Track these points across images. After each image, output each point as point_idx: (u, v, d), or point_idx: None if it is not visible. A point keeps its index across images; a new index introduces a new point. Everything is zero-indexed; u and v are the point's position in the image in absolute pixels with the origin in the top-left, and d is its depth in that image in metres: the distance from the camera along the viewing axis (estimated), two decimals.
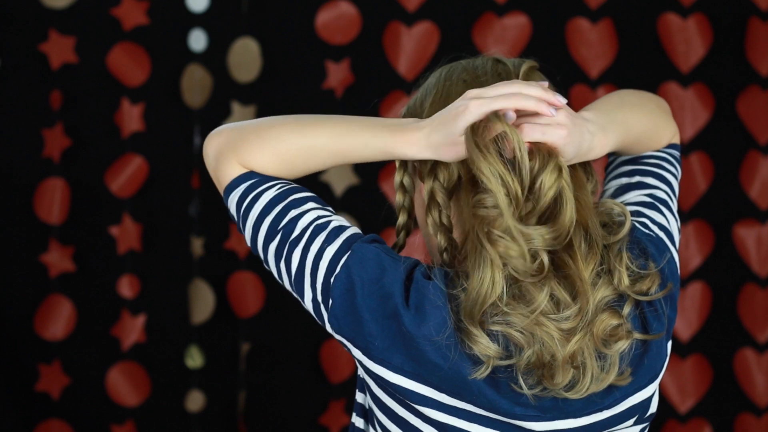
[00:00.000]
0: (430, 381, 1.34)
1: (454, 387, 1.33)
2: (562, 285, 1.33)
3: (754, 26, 2.78)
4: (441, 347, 1.32)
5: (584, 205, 1.38)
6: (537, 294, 1.32)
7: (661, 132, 1.56)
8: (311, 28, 2.78)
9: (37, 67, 2.77)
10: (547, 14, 2.79)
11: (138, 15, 2.77)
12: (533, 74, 1.48)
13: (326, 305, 1.37)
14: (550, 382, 1.33)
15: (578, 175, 1.43)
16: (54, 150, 2.78)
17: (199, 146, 2.81)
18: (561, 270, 1.33)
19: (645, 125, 1.53)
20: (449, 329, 1.32)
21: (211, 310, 2.83)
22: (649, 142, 1.55)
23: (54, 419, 2.82)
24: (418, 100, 1.50)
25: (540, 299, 1.32)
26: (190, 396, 2.84)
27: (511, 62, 1.49)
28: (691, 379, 2.83)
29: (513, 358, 1.32)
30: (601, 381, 1.34)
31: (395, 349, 1.34)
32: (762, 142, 2.81)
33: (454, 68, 1.50)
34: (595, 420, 1.38)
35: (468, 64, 1.49)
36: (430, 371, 1.33)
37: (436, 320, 1.32)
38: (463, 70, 1.48)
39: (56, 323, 2.80)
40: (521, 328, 1.32)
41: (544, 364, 1.32)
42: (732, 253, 2.82)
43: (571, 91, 2.78)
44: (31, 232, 2.80)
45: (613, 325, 1.34)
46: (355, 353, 1.37)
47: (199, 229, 2.83)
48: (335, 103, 2.78)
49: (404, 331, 1.33)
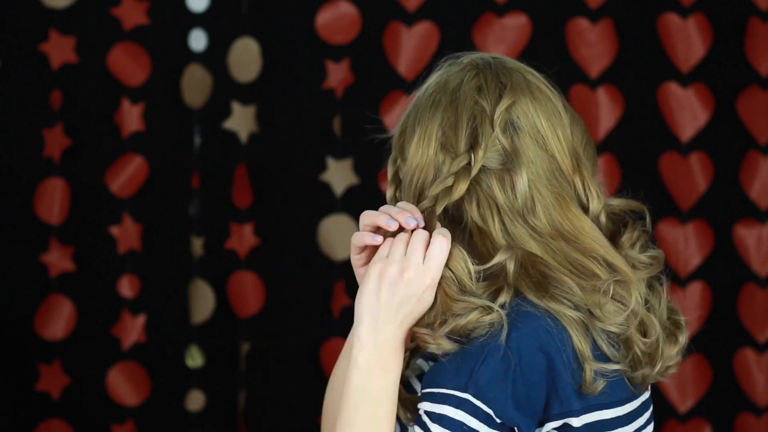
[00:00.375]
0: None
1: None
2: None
3: (754, 26, 2.78)
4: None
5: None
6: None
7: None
8: (311, 28, 2.78)
9: (37, 67, 2.77)
10: (547, 14, 2.79)
11: (138, 15, 2.77)
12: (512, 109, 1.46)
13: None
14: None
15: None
16: (54, 150, 2.78)
17: (199, 146, 2.81)
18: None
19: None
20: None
21: (211, 310, 2.83)
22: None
23: (54, 419, 2.82)
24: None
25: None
26: (190, 396, 2.84)
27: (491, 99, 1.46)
28: (691, 379, 2.83)
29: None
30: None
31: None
32: (762, 142, 2.81)
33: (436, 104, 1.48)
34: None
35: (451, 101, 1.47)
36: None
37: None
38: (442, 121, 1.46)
39: (56, 323, 2.80)
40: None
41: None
42: (732, 253, 2.82)
43: (571, 91, 2.78)
44: (31, 232, 2.79)
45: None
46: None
47: (199, 229, 2.83)
48: (335, 103, 2.78)
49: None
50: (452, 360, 1.36)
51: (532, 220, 1.41)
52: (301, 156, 2.82)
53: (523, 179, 1.41)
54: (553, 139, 1.44)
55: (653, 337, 1.43)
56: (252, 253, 2.82)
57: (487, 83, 1.45)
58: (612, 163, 2.79)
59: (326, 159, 2.80)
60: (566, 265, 1.39)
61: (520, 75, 1.47)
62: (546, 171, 1.42)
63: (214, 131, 2.80)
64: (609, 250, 1.42)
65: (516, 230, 1.40)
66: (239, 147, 2.80)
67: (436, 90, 1.46)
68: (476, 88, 1.44)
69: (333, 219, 2.80)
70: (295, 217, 2.84)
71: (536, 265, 1.39)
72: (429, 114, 1.45)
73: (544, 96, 1.46)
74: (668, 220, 2.81)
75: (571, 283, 1.37)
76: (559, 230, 1.41)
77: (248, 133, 2.80)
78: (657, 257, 1.50)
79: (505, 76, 1.46)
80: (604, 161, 2.79)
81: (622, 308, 1.40)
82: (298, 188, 2.83)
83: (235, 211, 2.82)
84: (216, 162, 2.81)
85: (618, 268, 1.41)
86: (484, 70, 1.47)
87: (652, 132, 2.81)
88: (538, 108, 1.44)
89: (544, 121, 1.44)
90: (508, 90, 1.44)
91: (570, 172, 1.44)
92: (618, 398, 1.42)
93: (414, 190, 1.44)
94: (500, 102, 1.43)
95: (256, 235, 2.82)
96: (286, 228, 2.85)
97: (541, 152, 1.43)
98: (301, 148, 2.82)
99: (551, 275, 1.38)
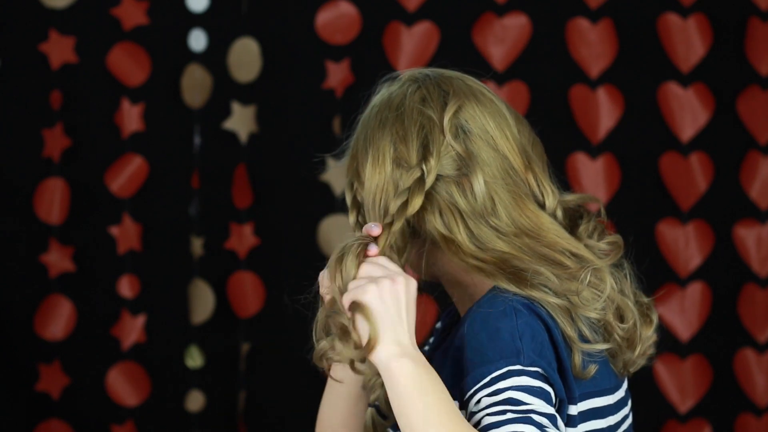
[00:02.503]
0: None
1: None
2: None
3: (754, 26, 2.78)
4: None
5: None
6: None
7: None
8: (311, 28, 2.78)
9: (37, 67, 2.77)
10: (547, 14, 2.79)
11: (138, 15, 2.77)
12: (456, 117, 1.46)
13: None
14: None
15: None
16: (54, 150, 2.78)
17: (199, 146, 2.81)
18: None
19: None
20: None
21: (211, 310, 2.83)
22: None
23: (54, 419, 2.82)
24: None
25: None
26: (190, 396, 2.84)
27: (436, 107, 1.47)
28: (691, 379, 2.82)
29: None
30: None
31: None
32: (762, 142, 2.81)
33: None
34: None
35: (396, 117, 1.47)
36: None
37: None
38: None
39: (56, 323, 2.80)
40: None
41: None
42: (732, 253, 2.82)
43: (571, 91, 2.78)
44: (31, 232, 2.79)
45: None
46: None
47: (199, 229, 2.83)
48: (335, 103, 2.78)
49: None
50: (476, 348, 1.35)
51: (494, 221, 1.42)
52: (301, 156, 2.82)
53: (479, 181, 1.42)
54: (502, 139, 1.45)
55: (630, 322, 1.45)
56: (252, 253, 2.82)
57: (430, 93, 1.46)
58: (612, 163, 2.79)
59: (326, 159, 2.80)
60: (537, 258, 1.40)
61: (461, 81, 1.48)
62: (500, 171, 1.44)
63: (214, 131, 2.80)
64: (572, 242, 1.44)
65: (482, 233, 1.41)
66: (239, 147, 2.80)
67: (381, 108, 1.47)
68: (420, 100, 1.45)
69: (333, 219, 2.80)
70: (295, 217, 2.84)
71: (508, 261, 1.40)
72: (378, 133, 1.46)
73: (487, 99, 1.47)
74: (668, 220, 2.81)
75: (547, 272, 1.39)
76: (521, 228, 1.42)
77: (248, 133, 2.80)
78: (616, 242, 1.51)
79: (445, 84, 1.47)
80: (604, 161, 2.79)
81: (598, 294, 1.41)
82: (298, 188, 2.83)
83: (235, 211, 2.82)
84: (216, 162, 2.81)
85: (584, 258, 1.43)
86: (424, 81, 1.48)
87: (652, 132, 2.81)
88: (483, 110, 1.45)
89: (491, 122, 1.45)
90: (452, 96, 1.45)
91: (522, 171, 1.46)
92: (607, 386, 1.44)
93: (379, 211, 1.45)
94: (446, 108, 1.44)
95: (256, 235, 2.82)
96: (286, 228, 2.85)
97: (493, 153, 1.44)
98: (301, 148, 2.82)
99: (526, 267, 1.39)
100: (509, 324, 1.34)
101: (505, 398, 1.30)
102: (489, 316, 1.36)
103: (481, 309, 1.37)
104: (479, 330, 1.35)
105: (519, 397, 1.30)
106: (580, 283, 1.39)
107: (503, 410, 1.29)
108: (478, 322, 1.36)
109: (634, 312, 1.46)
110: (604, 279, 1.43)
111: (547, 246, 1.42)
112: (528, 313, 1.35)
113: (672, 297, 2.80)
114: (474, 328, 1.36)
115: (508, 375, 1.31)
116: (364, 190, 1.48)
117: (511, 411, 1.29)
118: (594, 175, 2.79)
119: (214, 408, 2.85)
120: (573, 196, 1.52)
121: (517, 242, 1.41)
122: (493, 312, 1.36)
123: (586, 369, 1.38)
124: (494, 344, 1.33)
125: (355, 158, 1.49)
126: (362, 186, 1.48)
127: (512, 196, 1.44)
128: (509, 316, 1.34)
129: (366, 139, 1.48)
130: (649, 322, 1.50)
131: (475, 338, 1.35)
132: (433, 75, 1.49)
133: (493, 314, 1.35)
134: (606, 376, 1.43)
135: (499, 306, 1.36)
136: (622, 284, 1.48)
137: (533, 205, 1.45)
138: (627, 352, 1.46)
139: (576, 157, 2.79)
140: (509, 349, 1.32)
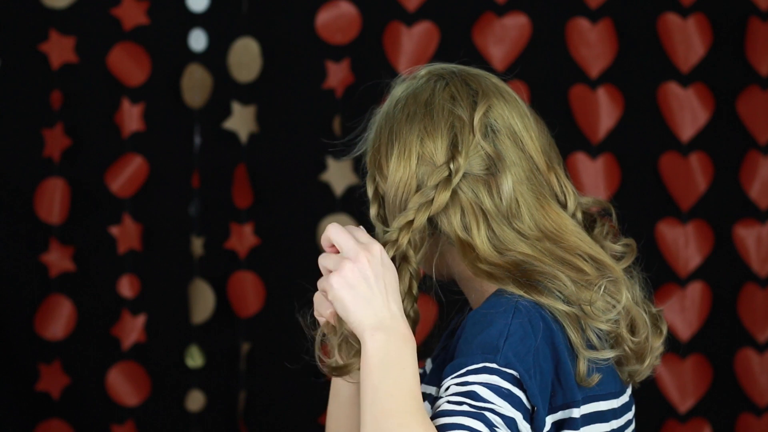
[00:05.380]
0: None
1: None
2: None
3: (754, 26, 2.78)
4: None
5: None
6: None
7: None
8: (311, 28, 2.78)
9: (37, 67, 2.77)
10: (547, 14, 2.79)
11: (138, 15, 2.77)
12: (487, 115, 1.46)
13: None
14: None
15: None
16: (54, 150, 2.78)
17: (199, 146, 2.81)
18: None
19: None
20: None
21: (211, 310, 2.83)
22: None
23: (54, 419, 2.82)
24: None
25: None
26: (190, 396, 2.84)
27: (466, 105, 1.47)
28: (691, 379, 2.83)
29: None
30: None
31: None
32: (762, 142, 2.81)
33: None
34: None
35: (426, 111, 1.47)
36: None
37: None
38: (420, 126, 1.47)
39: (56, 323, 2.80)
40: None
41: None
42: (732, 253, 2.82)
43: (571, 91, 2.78)
44: (31, 232, 2.79)
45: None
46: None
47: (199, 229, 2.83)
48: (335, 103, 2.78)
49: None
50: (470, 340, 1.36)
51: (517, 223, 1.42)
52: (301, 156, 2.82)
53: (508, 182, 1.42)
54: (528, 139, 1.45)
55: (642, 336, 1.45)
56: (252, 253, 2.82)
57: (459, 90, 1.45)
58: (612, 163, 2.80)
59: (326, 159, 2.80)
60: (556, 262, 1.40)
61: (487, 79, 1.48)
62: (526, 171, 1.44)
63: (214, 131, 2.80)
64: (593, 246, 1.44)
65: (504, 234, 1.41)
66: (239, 147, 2.80)
67: (408, 103, 1.47)
68: (450, 98, 1.45)
69: (333, 219, 2.80)
70: (295, 217, 2.84)
71: (523, 265, 1.39)
72: (406, 127, 1.45)
73: (512, 98, 1.47)
74: (668, 220, 2.81)
75: (564, 277, 1.38)
76: (543, 231, 1.42)
77: (248, 133, 2.80)
78: (630, 245, 1.52)
79: (473, 81, 1.47)
80: (604, 161, 2.79)
81: (612, 304, 1.40)
82: (298, 188, 2.83)
83: (235, 211, 2.82)
84: (216, 162, 2.81)
85: (603, 263, 1.42)
86: (452, 78, 1.47)
87: (652, 132, 2.81)
88: (511, 110, 1.45)
89: (518, 122, 1.45)
90: (481, 95, 1.45)
91: (546, 171, 1.46)
92: (612, 390, 1.43)
93: (400, 205, 1.44)
94: (476, 108, 1.44)
95: (256, 235, 2.82)
96: (286, 228, 2.85)
97: (520, 153, 1.44)
98: (301, 148, 2.82)
99: (544, 271, 1.38)
100: (503, 322, 1.34)
101: (468, 391, 1.31)
102: (488, 313, 1.36)
103: (484, 308, 1.38)
104: (475, 324, 1.36)
105: (482, 394, 1.30)
106: (595, 292, 1.39)
107: (461, 401, 1.30)
108: (477, 316, 1.37)
109: (648, 324, 1.45)
110: (620, 290, 1.42)
111: (568, 249, 1.41)
112: (528, 313, 1.35)
113: (672, 297, 2.80)
114: (472, 321, 1.37)
115: (483, 371, 1.32)
116: (386, 183, 1.46)
117: (468, 404, 1.30)
118: (594, 175, 2.79)
119: (214, 408, 2.85)
120: (587, 199, 1.53)
121: (538, 246, 1.40)
122: (495, 310, 1.36)
123: (590, 376, 1.38)
124: (480, 339, 1.34)
125: (377, 151, 1.48)
126: (384, 179, 1.46)
127: (536, 197, 1.44)
128: (507, 314, 1.35)
129: (391, 132, 1.47)
130: (659, 334, 1.49)
131: (469, 331, 1.36)
132: (458, 72, 1.48)
133: (493, 312, 1.36)
134: (611, 381, 1.43)
135: (503, 304, 1.36)
136: (634, 291, 1.48)
137: (556, 206, 1.45)
138: (635, 364, 1.45)
139: (576, 157, 2.79)
140: (490, 346, 1.33)
